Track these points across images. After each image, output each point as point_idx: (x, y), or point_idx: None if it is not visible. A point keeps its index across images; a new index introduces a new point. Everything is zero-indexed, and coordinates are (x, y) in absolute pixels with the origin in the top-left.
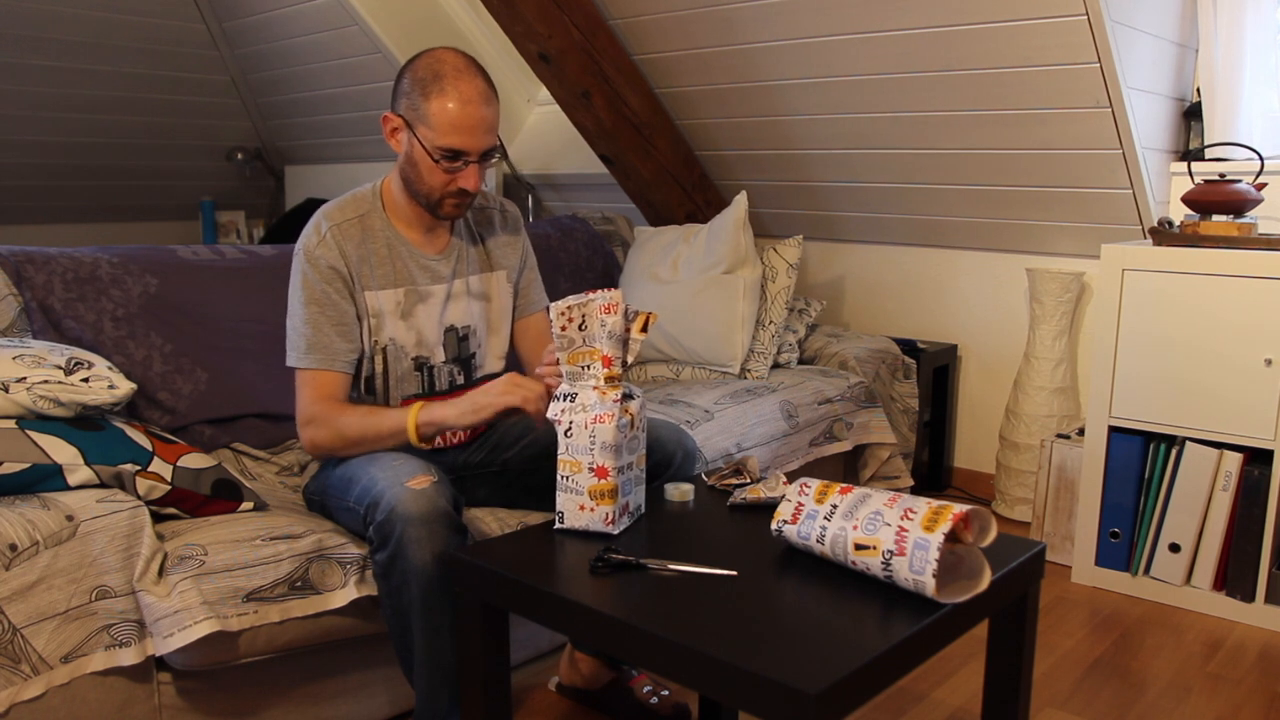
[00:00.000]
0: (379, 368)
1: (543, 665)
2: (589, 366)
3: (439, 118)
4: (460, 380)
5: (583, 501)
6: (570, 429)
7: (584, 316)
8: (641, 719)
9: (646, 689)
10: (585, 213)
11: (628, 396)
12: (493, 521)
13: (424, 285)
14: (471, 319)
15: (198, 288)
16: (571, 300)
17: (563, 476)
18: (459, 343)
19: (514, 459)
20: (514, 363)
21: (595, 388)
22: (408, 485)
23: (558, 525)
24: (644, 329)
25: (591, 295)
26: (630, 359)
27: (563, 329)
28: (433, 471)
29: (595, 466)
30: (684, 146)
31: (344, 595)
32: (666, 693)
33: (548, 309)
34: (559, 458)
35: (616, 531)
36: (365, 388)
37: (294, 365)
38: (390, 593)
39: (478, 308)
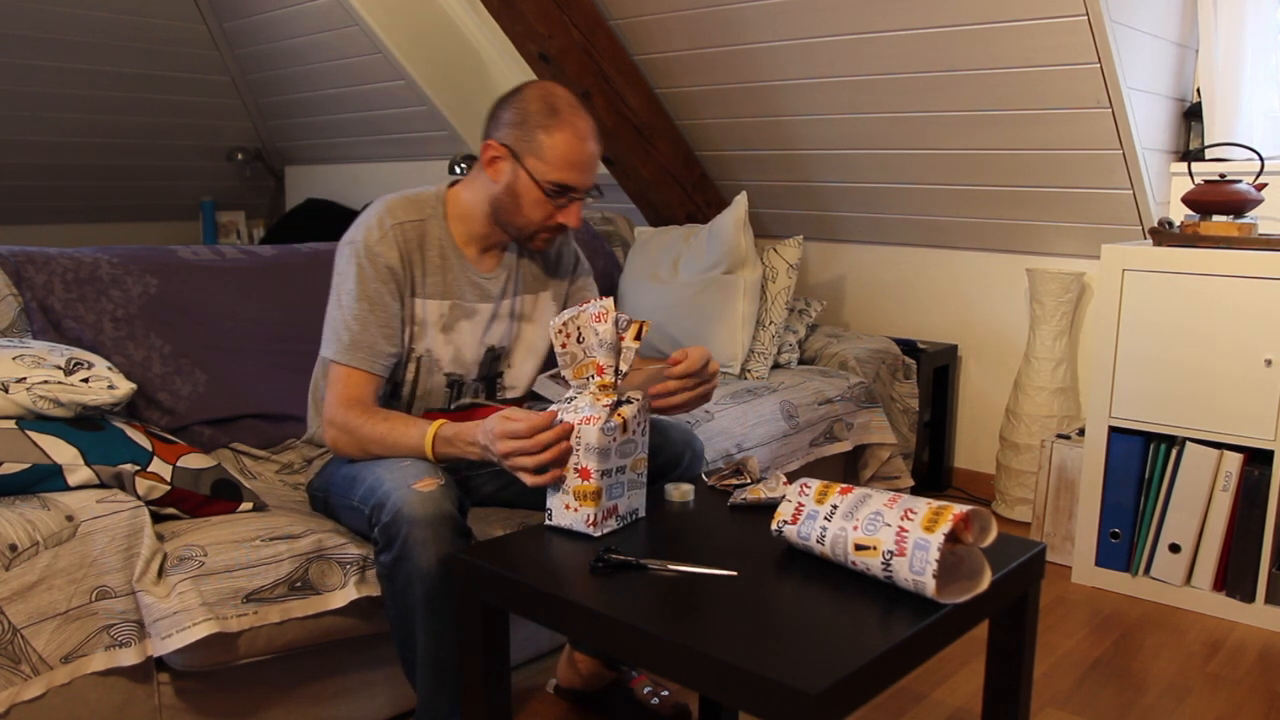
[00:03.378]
0: (410, 375)
1: (542, 665)
2: (592, 378)
3: (554, 151)
4: (481, 397)
5: (568, 501)
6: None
7: (579, 329)
8: (641, 718)
9: (647, 689)
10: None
11: (624, 402)
12: (495, 522)
13: (471, 302)
14: (509, 340)
15: (198, 288)
16: (565, 315)
17: None
18: (492, 362)
19: None
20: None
21: (590, 393)
22: (414, 488)
23: (547, 521)
24: (637, 337)
25: (583, 306)
26: (624, 366)
27: (563, 346)
28: (439, 474)
29: (579, 468)
30: (684, 147)
31: (344, 595)
32: (666, 693)
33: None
34: None
35: (598, 534)
36: (392, 392)
37: (331, 358)
38: (394, 594)
39: (518, 329)
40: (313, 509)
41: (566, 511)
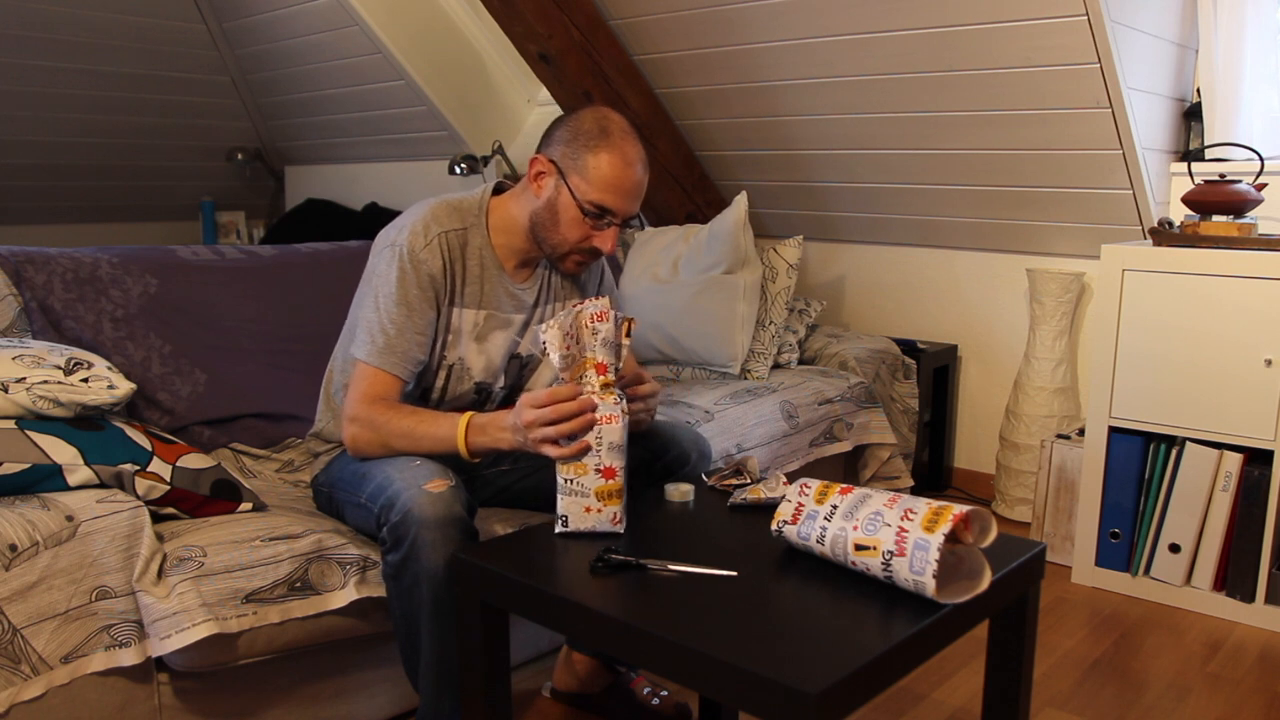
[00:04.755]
0: (439, 383)
1: (542, 666)
2: (584, 376)
3: (598, 172)
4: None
5: (589, 504)
6: (575, 433)
7: (578, 330)
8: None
9: (646, 690)
10: None
11: (621, 396)
12: (497, 524)
13: (507, 313)
14: (536, 349)
15: (197, 288)
16: (561, 318)
17: (565, 480)
18: (520, 370)
19: (525, 458)
20: None
21: (594, 393)
22: (425, 488)
23: (560, 529)
24: (627, 334)
25: (579, 306)
26: (620, 364)
27: (566, 349)
28: (449, 475)
29: (603, 468)
30: (684, 147)
31: (344, 596)
32: (666, 693)
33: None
34: (559, 462)
35: (623, 531)
36: (420, 398)
37: (363, 359)
38: (400, 595)
39: None
40: (316, 504)
41: (588, 515)
